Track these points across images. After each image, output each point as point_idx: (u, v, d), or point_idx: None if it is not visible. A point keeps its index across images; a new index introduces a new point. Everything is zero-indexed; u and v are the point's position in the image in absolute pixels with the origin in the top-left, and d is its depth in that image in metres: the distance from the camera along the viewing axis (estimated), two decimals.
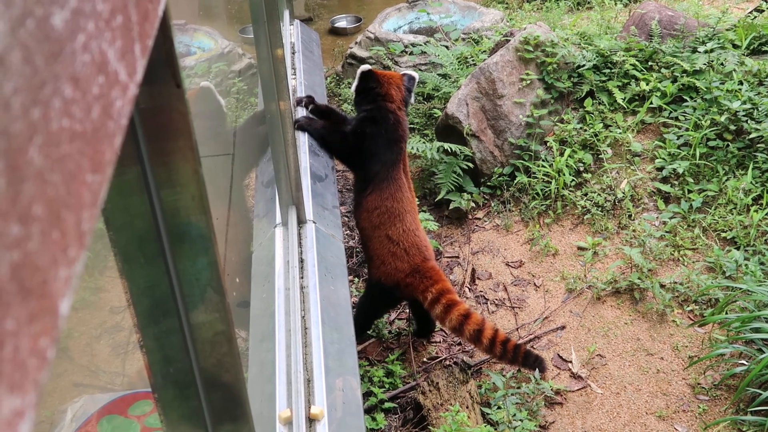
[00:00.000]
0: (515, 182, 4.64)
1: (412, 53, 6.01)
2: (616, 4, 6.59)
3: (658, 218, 4.30)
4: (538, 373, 3.33)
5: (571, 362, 3.66)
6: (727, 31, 4.92)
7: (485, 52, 5.50)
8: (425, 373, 3.63)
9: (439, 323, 3.48)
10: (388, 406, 3.46)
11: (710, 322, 3.67)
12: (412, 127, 5.26)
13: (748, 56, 4.77)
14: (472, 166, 4.68)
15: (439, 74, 5.53)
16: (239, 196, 3.24)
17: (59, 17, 0.38)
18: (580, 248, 4.30)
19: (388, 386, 3.58)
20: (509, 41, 4.91)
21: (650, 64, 4.86)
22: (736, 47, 4.83)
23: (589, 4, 6.84)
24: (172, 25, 0.82)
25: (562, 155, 4.61)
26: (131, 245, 0.94)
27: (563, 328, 3.87)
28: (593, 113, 4.77)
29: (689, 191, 4.32)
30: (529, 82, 4.79)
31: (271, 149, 2.75)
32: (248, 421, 1.16)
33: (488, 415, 3.27)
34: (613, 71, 4.86)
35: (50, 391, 1.86)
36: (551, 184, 4.54)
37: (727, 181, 4.26)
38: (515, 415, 3.23)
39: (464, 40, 6.07)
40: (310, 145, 3.34)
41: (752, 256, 3.91)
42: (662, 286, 3.90)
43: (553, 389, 3.43)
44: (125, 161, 0.88)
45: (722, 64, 4.64)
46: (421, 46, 5.99)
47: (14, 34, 0.33)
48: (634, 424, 3.34)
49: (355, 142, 3.44)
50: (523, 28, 5.15)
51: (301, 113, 3.49)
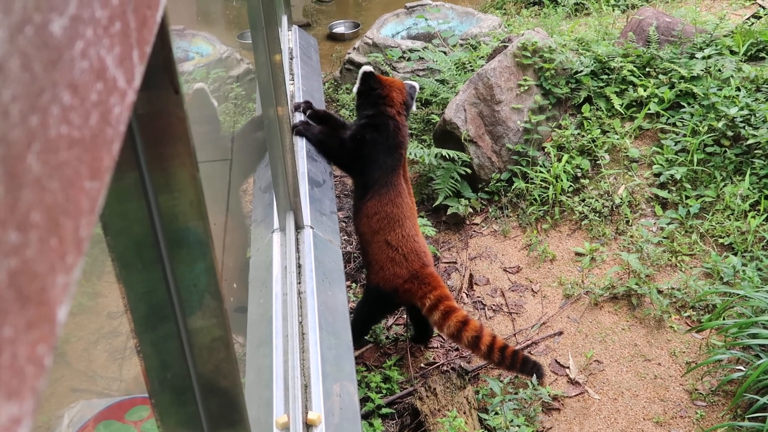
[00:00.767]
0: (513, 188, 4.64)
1: (410, 59, 6.02)
2: (613, 10, 6.60)
3: (655, 224, 4.30)
4: (535, 378, 3.33)
5: (568, 368, 3.66)
6: (724, 37, 4.93)
7: (483, 57, 5.50)
8: (422, 378, 3.63)
9: (437, 329, 3.47)
10: (385, 411, 3.45)
11: (708, 327, 3.67)
12: (410, 132, 5.26)
13: (745, 62, 4.78)
14: (469, 171, 4.68)
15: (436, 80, 5.53)
16: (237, 201, 3.24)
17: (58, 24, 0.38)
18: (577, 254, 4.30)
19: (385, 392, 3.58)
20: (507, 47, 4.92)
21: (648, 70, 4.87)
22: (733, 53, 4.84)
23: (586, 10, 6.85)
24: (170, 31, 0.83)
25: (559, 161, 4.61)
26: (129, 250, 0.94)
27: (561, 333, 3.87)
28: (591, 119, 4.78)
29: (687, 197, 4.33)
30: (526, 87, 4.80)
31: (269, 154, 2.75)
32: (245, 426, 1.16)
33: (485, 420, 3.26)
34: (610, 77, 4.87)
35: (47, 396, 1.85)
36: (549, 189, 4.55)
37: (724, 187, 4.26)
38: (512, 420, 3.23)
39: (462, 45, 6.08)
40: (308, 150, 3.34)
41: (750, 261, 3.91)
42: (660, 291, 3.90)
43: (550, 395, 3.43)
44: (123, 166, 0.88)
45: (720, 70, 4.65)
46: (419, 51, 6.00)
47: (13, 41, 0.33)
48: (631, 429, 3.34)
49: (354, 147, 3.44)
50: (520, 34, 5.16)
51: (299, 118, 3.49)
